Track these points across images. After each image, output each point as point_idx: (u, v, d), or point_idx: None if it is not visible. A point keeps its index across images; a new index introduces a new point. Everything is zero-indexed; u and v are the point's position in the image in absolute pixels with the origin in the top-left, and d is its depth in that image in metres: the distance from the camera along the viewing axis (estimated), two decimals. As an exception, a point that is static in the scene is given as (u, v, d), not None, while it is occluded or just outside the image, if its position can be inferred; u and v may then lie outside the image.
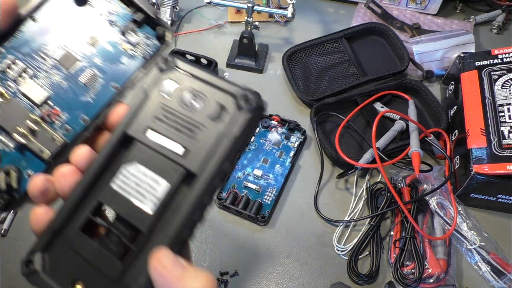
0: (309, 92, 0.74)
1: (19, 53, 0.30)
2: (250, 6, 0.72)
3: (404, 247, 0.57)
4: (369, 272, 0.56)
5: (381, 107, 0.70)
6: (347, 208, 0.63)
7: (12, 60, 0.30)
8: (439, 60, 0.76)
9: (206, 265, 0.58)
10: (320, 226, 0.62)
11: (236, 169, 0.65)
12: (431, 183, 0.61)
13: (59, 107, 0.29)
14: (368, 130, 0.69)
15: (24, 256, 0.25)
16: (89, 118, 0.29)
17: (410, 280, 0.54)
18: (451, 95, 0.69)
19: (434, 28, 0.84)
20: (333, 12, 0.89)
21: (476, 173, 0.57)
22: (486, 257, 0.57)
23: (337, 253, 0.60)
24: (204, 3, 0.74)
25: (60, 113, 0.29)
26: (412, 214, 0.59)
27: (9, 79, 0.29)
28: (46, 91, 0.29)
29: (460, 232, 0.59)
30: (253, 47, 0.76)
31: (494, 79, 0.62)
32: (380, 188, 0.63)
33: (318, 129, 0.68)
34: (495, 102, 0.60)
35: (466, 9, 0.88)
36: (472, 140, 0.59)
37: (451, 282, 0.56)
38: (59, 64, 0.30)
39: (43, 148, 0.28)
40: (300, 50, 0.77)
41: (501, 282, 0.56)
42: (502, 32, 0.84)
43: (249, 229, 0.62)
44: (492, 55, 0.64)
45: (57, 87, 0.30)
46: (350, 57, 0.76)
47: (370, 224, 0.60)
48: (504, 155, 0.56)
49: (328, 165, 0.68)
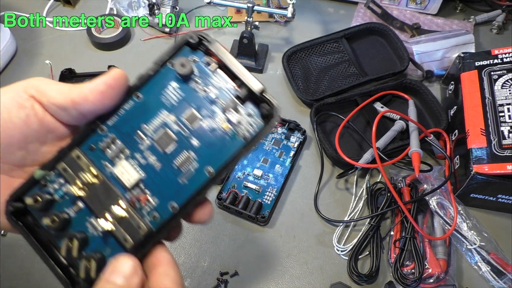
0: (309, 92, 0.74)
1: (119, 132, 0.29)
2: (250, 6, 0.72)
3: (404, 247, 0.57)
4: (369, 272, 0.56)
5: (381, 107, 0.70)
6: (347, 208, 0.63)
7: (112, 139, 0.29)
8: (439, 60, 0.76)
9: (206, 265, 0.59)
10: (320, 226, 0.62)
11: (236, 169, 0.65)
12: (431, 183, 0.61)
13: (149, 191, 0.28)
14: (368, 130, 0.69)
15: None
16: (178, 205, 0.28)
17: (410, 280, 0.54)
18: (451, 95, 0.69)
19: (434, 28, 0.84)
20: (333, 12, 0.89)
21: (476, 173, 0.57)
22: (486, 257, 0.57)
23: (337, 253, 0.60)
24: (204, 3, 0.74)
25: (149, 197, 0.28)
26: (412, 214, 0.59)
27: (106, 158, 0.29)
28: (138, 173, 0.28)
29: (460, 232, 0.59)
30: (253, 47, 0.76)
31: (494, 79, 0.62)
32: (380, 188, 0.63)
33: (318, 129, 0.68)
34: (495, 102, 0.60)
35: (466, 9, 0.88)
36: (472, 140, 0.59)
37: (451, 282, 0.56)
38: (155, 144, 0.29)
39: (126, 237, 0.27)
40: (300, 50, 0.77)
41: (501, 282, 0.56)
42: (502, 32, 0.84)
43: (249, 229, 0.62)
44: (492, 55, 0.64)
45: (150, 169, 0.28)
46: (350, 57, 0.76)
47: (370, 224, 0.60)
48: (504, 155, 0.56)
49: (328, 165, 0.68)
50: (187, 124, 0.29)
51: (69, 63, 0.77)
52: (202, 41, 0.29)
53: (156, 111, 0.29)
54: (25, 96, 0.28)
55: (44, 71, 0.77)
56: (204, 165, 0.28)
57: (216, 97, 0.29)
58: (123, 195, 0.28)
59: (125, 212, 0.28)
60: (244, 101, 0.29)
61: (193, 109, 0.29)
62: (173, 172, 0.28)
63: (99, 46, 0.82)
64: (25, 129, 0.27)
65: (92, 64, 0.79)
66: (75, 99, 0.27)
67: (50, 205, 0.28)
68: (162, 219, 0.28)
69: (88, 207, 0.28)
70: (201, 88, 0.29)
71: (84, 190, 0.28)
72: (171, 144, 0.29)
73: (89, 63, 0.80)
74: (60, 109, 0.28)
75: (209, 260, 0.59)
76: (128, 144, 0.29)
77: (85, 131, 0.29)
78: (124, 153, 0.29)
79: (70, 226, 0.28)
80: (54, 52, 0.82)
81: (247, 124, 0.29)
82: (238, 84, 0.29)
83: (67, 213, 0.28)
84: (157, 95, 0.29)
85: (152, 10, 0.82)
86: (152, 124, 0.29)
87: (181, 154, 0.28)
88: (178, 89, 0.29)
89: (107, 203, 0.28)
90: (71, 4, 0.88)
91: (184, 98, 0.29)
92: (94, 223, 0.28)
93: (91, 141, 0.29)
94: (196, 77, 0.29)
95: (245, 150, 0.28)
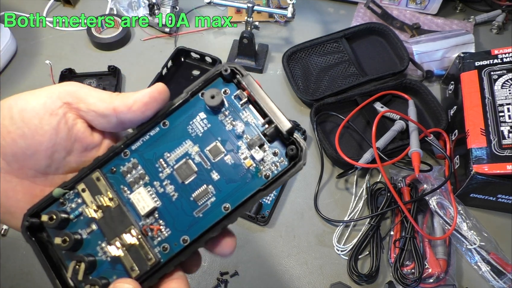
0: (309, 92, 0.74)
1: (142, 157, 0.29)
2: (250, 6, 0.72)
3: (404, 247, 0.57)
4: (369, 272, 0.56)
5: (381, 107, 0.70)
6: (347, 208, 0.63)
7: (134, 164, 0.29)
8: (439, 60, 0.76)
9: (206, 265, 0.59)
10: (320, 226, 0.62)
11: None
12: (431, 183, 0.61)
13: (163, 221, 0.28)
14: (368, 130, 0.69)
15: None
16: (190, 239, 0.27)
17: (410, 280, 0.54)
18: (451, 95, 0.69)
19: (434, 28, 0.84)
20: (333, 12, 0.89)
21: (476, 173, 0.57)
22: (486, 257, 0.57)
23: (337, 253, 0.60)
24: (204, 3, 0.74)
25: (162, 228, 0.27)
26: (412, 214, 0.59)
27: (125, 183, 0.28)
28: (154, 202, 0.28)
29: (460, 232, 0.59)
30: (253, 47, 0.76)
31: (494, 79, 0.62)
32: (380, 188, 0.63)
33: (318, 129, 0.68)
34: (495, 102, 0.60)
35: (466, 9, 0.88)
36: (472, 140, 0.59)
37: (451, 282, 0.56)
38: (175, 174, 0.28)
39: (134, 266, 0.27)
40: (300, 50, 0.77)
41: (501, 282, 0.56)
42: (502, 32, 0.84)
43: (249, 229, 0.62)
44: (492, 55, 0.64)
45: (166, 199, 0.28)
46: (350, 57, 0.76)
47: (370, 224, 0.60)
48: (504, 155, 0.56)
49: (328, 165, 0.68)
50: (210, 157, 0.28)
51: (69, 63, 0.77)
52: (236, 74, 0.29)
53: (180, 140, 0.29)
54: (59, 103, 0.27)
55: (44, 71, 0.77)
56: (222, 201, 0.27)
57: (243, 132, 0.28)
58: (136, 222, 0.28)
59: (136, 240, 0.27)
60: (271, 140, 0.28)
61: (218, 142, 0.28)
62: (189, 205, 0.28)
63: (99, 46, 0.82)
64: (54, 137, 0.27)
65: (92, 64, 0.79)
66: (118, 107, 0.28)
67: (65, 224, 0.28)
68: (172, 251, 0.27)
69: (101, 231, 0.28)
70: (228, 122, 0.29)
71: (98, 213, 0.28)
72: (191, 175, 0.28)
73: (89, 63, 0.80)
74: (100, 116, 0.28)
75: (209, 260, 0.59)
76: (149, 170, 0.28)
77: (109, 153, 0.29)
78: (143, 180, 0.28)
79: (81, 247, 0.28)
80: (54, 52, 0.82)
81: (271, 163, 0.28)
82: (267, 121, 0.28)
83: (80, 234, 0.28)
84: (183, 124, 0.29)
85: (152, 10, 0.82)
86: (174, 153, 0.28)
87: (199, 186, 0.28)
88: (206, 120, 0.29)
89: (120, 228, 0.27)
90: (71, 4, 0.88)
91: (210, 130, 0.29)
92: (105, 248, 0.27)
93: (113, 164, 0.29)
94: (225, 109, 0.29)
95: (266, 191, 0.27)
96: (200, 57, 0.78)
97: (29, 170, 0.28)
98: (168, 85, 0.30)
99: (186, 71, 0.78)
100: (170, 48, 0.81)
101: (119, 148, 0.29)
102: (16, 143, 0.26)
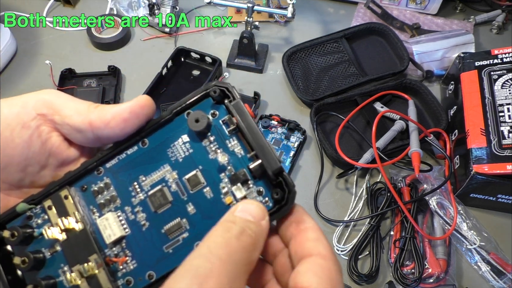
0: (309, 92, 0.74)
1: (115, 178, 0.26)
2: (250, 6, 0.72)
3: (404, 247, 0.57)
4: (369, 272, 0.56)
5: (381, 107, 0.70)
6: (347, 208, 0.63)
7: (106, 184, 0.26)
8: (439, 60, 0.76)
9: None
10: (320, 226, 0.62)
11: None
12: (431, 183, 0.61)
13: (130, 252, 0.25)
14: (368, 130, 0.69)
15: None
16: (156, 275, 0.25)
17: (410, 280, 0.54)
18: (451, 95, 0.69)
19: (434, 28, 0.84)
20: (333, 12, 0.89)
21: (476, 173, 0.57)
22: (486, 257, 0.57)
23: (337, 253, 0.60)
24: (204, 3, 0.74)
25: (128, 259, 0.25)
26: (412, 214, 0.59)
27: (95, 204, 0.26)
28: (123, 229, 0.26)
29: (460, 232, 0.59)
30: (253, 47, 0.76)
31: (494, 79, 0.62)
32: (380, 188, 0.63)
33: (318, 129, 0.68)
34: (495, 102, 0.60)
35: (466, 9, 0.88)
36: (472, 140, 0.59)
37: (451, 282, 0.56)
38: (148, 201, 0.26)
39: None
40: (300, 50, 0.77)
41: (501, 282, 0.56)
42: (502, 32, 0.84)
43: (249, 229, 0.62)
44: (492, 55, 0.64)
45: (136, 228, 0.25)
46: (350, 57, 0.76)
47: (370, 224, 0.60)
48: (504, 155, 0.56)
49: (328, 165, 0.68)
50: (188, 187, 0.26)
51: (69, 63, 0.77)
52: (227, 95, 0.26)
53: (159, 164, 0.26)
54: (32, 114, 0.26)
55: (44, 71, 0.77)
56: (195, 238, 0.25)
57: (227, 163, 0.25)
58: (101, 250, 0.25)
59: (97, 270, 0.25)
60: (257, 176, 0.25)
61: (198, 171, 0.26)
62: (159, 237, 0.25)
63: (99, 46, 0.82)
64: (26, 150, 0.26)
65: (92, 64, 0.79)
66: (95, 122, 0.25)
67: (28, 241, 0.26)
68: (136, 286, 0.25)
69: (63, 254, 0.26)
70: (213, 149, 0.26)
71: (63, 235, 0.26)
72: (165, 205, 0.26)
73: (89, 63, 0.80)
74: (75, 130, 0.26)
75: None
76: (121, 193, 0.26)
77: (81, 169, 0.27)
78: (114, 203, 0.26)
79: (43, 266, 0.26)
80: (54, 52, 0.82)
81: None
82: (254, 154, 0.25)
83: (43, 253, 0.26)
84: (164, 146, 0.26)
85: (152, 10, 0.82)
86: (150, 178, 0.26)
87: (173, 219, 0.25)
88: (188, 144, 0.26)
89: (83, 255, 0.25)
90: (71, 4, 0.88)
91: (191, 156, 0.26)
92: (66, 272, 0.26)
93: (85, 181, 0.27)
94: (211, 134, 0.26)
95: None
96: (200, 57, 0.78)
97: (2, 183, 0.26)
98: (168, 85, 0.29)
99: (186, 71, 0.78)
100: (170, 48, 0.81)
101: (92, 165, 0.27)
102: None
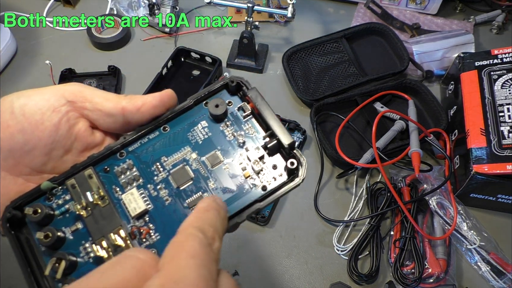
0: (309, 92, 0.74)
1: (138, 159, 0.28)
2: (250, 6, 0.72)
3: (404, 247, 0.57)
4: (369, 272, 0.56)
5: (381, 107, 0.70)
6: (347, 208, 0.63)
7: (129, 165, 0.28)
8: (439, 60, 0.76)
9: (206, 265, 0.58)
10: (320, 226, 0.62)
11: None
12: (431, 183, 0.61)
13: (153, 225, 0.27)
14: (368, 130, 0.69)
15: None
16: None
17: (410, 280, 0.54)
18: (451, 95, 0.69)
19: (434, 28, 0.84)
20: (333, 12, 0.89)
21: (476, 173, 0.57)
22: (486, 257, 0.57)
23: (337, 253, 0.60)
24: (204, 3, 0.74)
25: (152, 232, 0.27)
26: (412, 214, 0.59)
27: (118, 184, 0.28)
28: (146, 205, 0.27)
29: (460, 232, 0.59)
30: (253, 47, 0.76)
31: (494, 79, 0.62)
32: (380, 188, 0.63)
33: (318, 129, 0.68)
34: (495, 102, 0.60)
35: (466, 9, 0.88)
36: (472, 140, 0.59)
37: (451, 282, 0.56)
38: (171, 178, 0.28)
39: None
40: (300, 50, 0.77)
41: (501, 282, 0.56)
42: (502, 32, 0.84)
43: (249, 229, 0.62)
44: (492, 55, 0.64)
45: (159, 203, 0.27)
46: (350, 57, 0.76)
47: (370, 224, 0.60)
48: (504, 155, 0.56)
49: (328, 165, 0.68)
50: (208, 165, 0.28)
51: (69, 63, 0.77)
52: (241, 86, 0.29)
53: (180, 146, 0.29)
54: (62, 101, 0.27)
55: (44, 71, 0.77)
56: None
57: (243, 143, 0.29)
58: (125, 224, 0.27)
59: (123, 242, 0.26)
60: (271, 153, 0.28)
61: (217, 151, 0.28)
62: (182, 211, 0.27)
63: (99, 46, 0.82)
64: (54, 134, 0.27)
65: (92, 64, 0.79)
66: (127, 107, 0.28)
67: (48, 220, 0.27)
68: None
69: (87, 230, 0.27)
70: (230, 132, 0.29)
71: (87, 211, 0.27)
72: (187, 181, 0.28)
73: (89, 63, 0.80)
74: (106, 115, 0.28)
75: (209, 260, 0.59)
76: (143, 173, 0.28)
77: (105, 152, 0.28)
78: (137, 181, 0.28)
79: (63, 246, 0.27)
80: (54, 52, 0.82)
81: (269, 176, 0.28)
82: (268, 135, 0.28)
83: (64, 232, 0.27)
84: (184, 130, 0.29)
85: (152, 10, 0.82)
86: (172, 158, 0.28)
87: (195, 193, 0.27)
88: (207, 129, 0.29)
89: (107, 228, 0.26)
90: (71, 4, 0.88)
91: (210, 138, 0.29)
92: (88, 248, 0.26)
93: (108, 163, 0.28)
94: (227, 120, 0.29)
95: (263, 202, 0.27)
96: (200, 57, 0.78)
97: (25, 167, 0.27)
98: (168, 85, 0.30)
99: (186, 71, 0.78)
100: (170, 48, 0.81)
101: (115, 148, 0.28)
102: (14, 138, 0.26)
